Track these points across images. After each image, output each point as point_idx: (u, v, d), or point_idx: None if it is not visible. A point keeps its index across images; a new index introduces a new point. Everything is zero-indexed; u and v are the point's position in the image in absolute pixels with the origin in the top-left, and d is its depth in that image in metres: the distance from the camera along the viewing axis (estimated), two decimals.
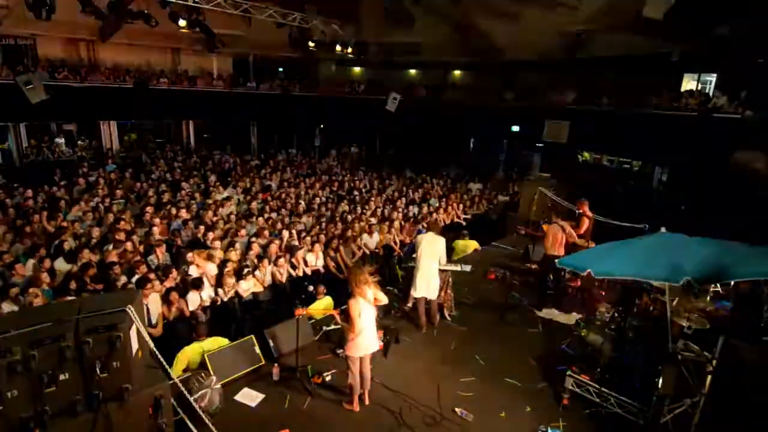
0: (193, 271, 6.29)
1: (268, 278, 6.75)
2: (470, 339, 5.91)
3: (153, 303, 5.40)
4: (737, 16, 8.81)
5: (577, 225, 7.35)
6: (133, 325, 2.60)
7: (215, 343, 4.96)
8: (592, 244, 7.22)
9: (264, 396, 4.62)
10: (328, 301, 6.19)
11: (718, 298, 5.21)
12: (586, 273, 3.99)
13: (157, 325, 5.40)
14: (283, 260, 6.96)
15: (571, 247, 7.06)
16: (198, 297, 5.82)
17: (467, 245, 8.96)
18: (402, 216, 9.88)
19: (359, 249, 8.29)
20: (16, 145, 13.59)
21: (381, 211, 10.12)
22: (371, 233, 8.65)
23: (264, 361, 5.07)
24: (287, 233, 8.13)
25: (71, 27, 12.83)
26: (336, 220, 9.46)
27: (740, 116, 9.65)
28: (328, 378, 4.93)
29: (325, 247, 7.86)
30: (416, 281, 5.85)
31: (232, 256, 6.82)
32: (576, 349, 5.37)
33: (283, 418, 4.34)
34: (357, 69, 20.95)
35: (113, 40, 13.70)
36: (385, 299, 4.53)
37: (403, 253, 8.79)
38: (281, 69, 19.72)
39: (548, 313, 6.66)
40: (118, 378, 2.49)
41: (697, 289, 5.58)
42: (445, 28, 14.17)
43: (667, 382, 3.78)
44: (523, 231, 10.01)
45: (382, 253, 8.67)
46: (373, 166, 16.55)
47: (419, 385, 4.91)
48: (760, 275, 3.70)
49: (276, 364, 4.93)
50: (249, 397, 4.61)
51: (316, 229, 8.64)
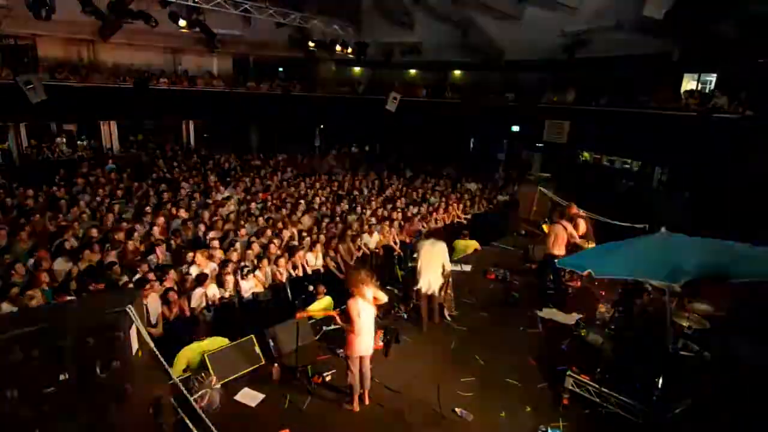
0: (194, 271, 6.29)
1: (269, 278, 6.75)
2: (470, 339, 5.91)
3: (153, 303, 5.40)
4: (737, 16, 8.80)
5: (574, 227, 7.38)
6: (133, 325, 2.60)
7: (215, 343, 4.96)
8: (592, 244, 7.22)
9: (264, 396, 4.62)
10: (328, 301, 6.19)
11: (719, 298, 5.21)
12: (585, 273, 4.00)
13: (157, 325, 5.40)
14: (283, 260, 6.96)
15: (571, 247, 7.06)
16: (203, 293, 5.83)
17: (467, 245, 8.96)
18: (402, 216, 9.87)
19: (359, 249, 8.29)
20: (16, 145, 13.59)
21: (381, 211, 10.12)
22: (371, 233, 8.65)
23: (264, 361, 5.07)
24: (287, 233, 8.13)
25: (71, 27, 12.83)
26: (336, 220, 9.46)
27: (740, 116, 9.65)
28: (328, 378, 4.93)
29: (325, 247, 7.86)
30: (419, 284, 5.86)
31: (232, 256, 6.82)
32: (576, 349, 5.37)
33: (283, 418, 4.34)
34: (357, 69, 20.94)
35: (113, 40, 13.77)
36: (385, 298, 4.53)
37: (403, 253, 8.78)
38: (281, 69, 19.71)
39: (548, 313, 6.66)
40: (118, 378, 2.49)
41: (697, 289, 5.59)
42: (445, 28, 14.18)
43: (666, 382, 3.78)
44: (524, 231, 10.01)
45: (382, 253, 8.67)
46: (373, 166, 16.54)
47: (419, 385, 4.91)
48: (760, 276, 3.70)
49: (276, 364, 4.93)
50: (249, 397, 4.61)
51: (316, 229, 8.64)
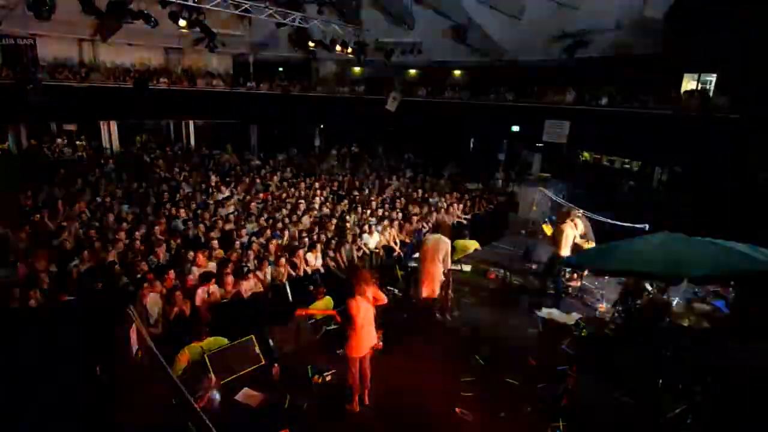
0: (194, 271, 6.29)
1: (269, 278, 6.75)
2: (470, 339, 5.91)
3: (153, 303, 5.39)
4: (737, 16, 8.81)
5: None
6: (133, 325, 2.60)
7: (215, 343, 4.95)
8: (592, 244, 7.22)
9: (264, 396, 4.62)
10: (328, 301, 6.18)
11: (718, 298, 5.22)
12: (586, 273, 4.00)
13: (157, 324, 5.39)
14: (283, 260, 6.96)
15: (572, 247, 7.07)
16: (206, 292, 5.83)
17: (467, 245, 8.96)
18: (402, 216, 9.88)
19: (359, 249, 8.29)
20: (16, 145, 13.60)
21: (381, 211, 10.12)
22: (371, 233, 8.65)
23: (264, 361, 5.07)
24: (287, 233, 8.13)
25: (71, 27, 12.84)
26: (336, 220, 9.46)
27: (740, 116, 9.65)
28: (328, 378, 4.92)
29: (325, 246, 7.86)
30: (420, 282, 5.84)
31: (232, 256, 6.82)
32: (576, 349, 5.37)
33: (283, 418, 4.33)
34: (357, 69, 20.94)
35: (113, 40, 13.79)
36: (385, 298, 4.53)
37: (403, 253, 8.79)
38: (281, 69, 19.72)
39: (548, 313, 6.66)
40: (119, 378, 2.50)
41: (697, 290, 5.60)
42: (445, 28, 14.19)
43: (666, 382, 3.78)
44: (524, 231, 10.03)
45: (382, 253, 8.67)
46: (373, 166, 16.55)
47: (419, 385, 4.90)
48: (759, 275, 3.70)
49: (276, 364, 4.93)
50: (249, 397, 4.61)
51: (316, 229, 8.64)
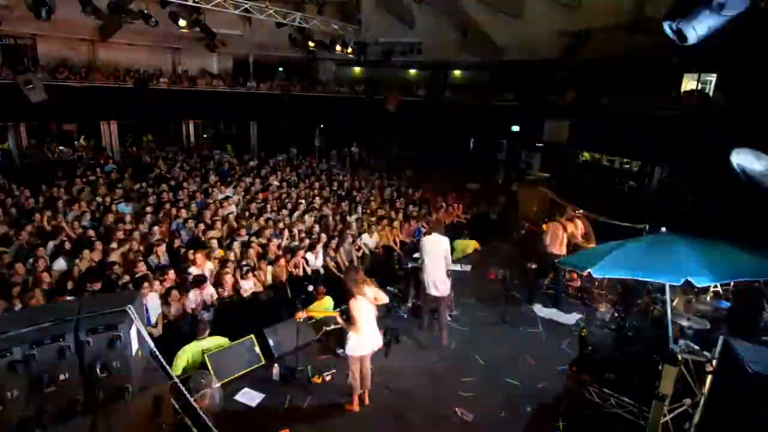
0: (193, 271, 6.29)
1: (269, 278, 6.75)
2: (470, 339, 5.92)
3: (153, 303, 5.40)
4: (737, 17, 8.80)
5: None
6: (133, 325, 2.60)
7: (215, 342, 4.96)
8: (592, 244, 7.22)
9: (264, 396, 4.62)
10: (328, 301, 6.18)
11: (718, 298, 5.21)
12: (585, 273, 3.99)
13: (157, 324, 5.40)
14: (283, 260, 6.96)
15: (572, 247, 7.06)
16: (199, 295, 5.82)
17: (467, 245, 8.96)
18: (402, 216, 9.88)
19: (359, 249, 8.29)
20: (16, 145, 13.59)
21: (381, 211, 10.12)
22: (371, 233, 8.65)
23: (264, 361, 5.07)
24: (287, 233, 8.13)
25: (71, 27, 12.83)
26: (336, 220, 9.46)
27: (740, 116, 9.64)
28: (328, 378, 4.93)
29: (324, 247, 7.86)
30: (425, 283, 5.81)
31: (231, 256, 6.82)
32: (576, 349, 5.36)
33: (283, 418, 4.34)
34: (357, 69, 20.94)
35: (113, 40, 13.79)
36: (385, 298, 4.53)
37: (403, 253, 8.78)
38: (281, 69, 19.72)
39: (548, 313, 6.66)
40: (118, 378, 2.49)
41: (697, 290, 5.59)
42: (445, 28, 14.19)
43: (667, 382, 3.78)
44: (524, 231, 10.02)
45: (382, 253, 8.67)
46: (373, 166, 16.55)
47: (419, 385, 4.91)
48: (760, 275, 3.70)
49: (276, 364, 4.93)
50: (249, 397, 4.61)
51: (316, 229, 8.64)
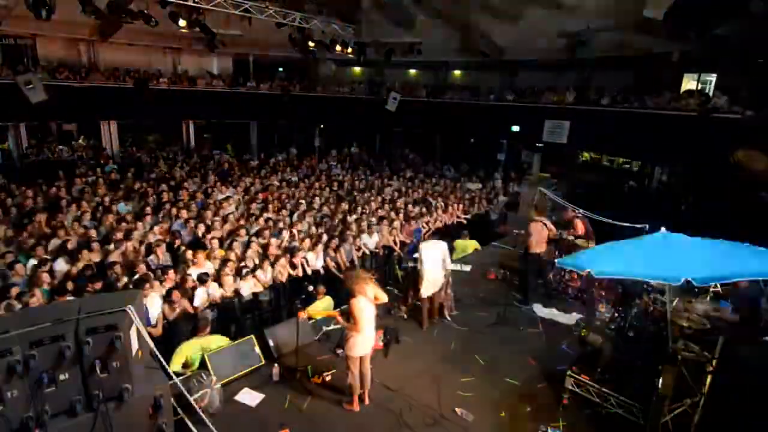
0: (193, 271, 6.29)
1: (269, 278, 6.75)
2: (470, 339, 5.91)
3: (153, 303, 5.40)
4: (737, 16, 8.80)
5: (573, 228, 7.42)
6: (133, 325, 2.60)
7: (215, 341, 4.97)
8: (592, 244, 7.22)
9: (264, 396, 4.62)
10: (328, 301, 6.19)
11: (718, 299, 5.21)
12: (585, 273, 3.99)
13: (157, 325, 5.40)
14: (284, 260, 6.96)
15: (571, 247, 7.07)
16: (206, 293, 5.83)
17: (467, 245, 8.96)
18: (402, 216, 9.88)
19: (359, 249, 8.29)
20: (16, 145, 13.59)
21: (381, 211, 10.12)
22: (371, 233, 8.65)
23: (264, 361, 5.07)
24: (287, 233, 8.13)
25: (71, 27, 12.84)
26: (336, 220, 9.46)
27: (740, 116, 9.65)
28: (328, 378, 4.93)
29: (325, 247, 7.86)
30: (422, 285, 5.85)
31: (231, 256, 6.82)
32: (576, 349, 5.37)
33: (283, 418, 4.34)
34: (357, 69, 20.94)
35: (113, 40, 13.74)
36: (385, 297, 4.54)
37: (403, 254, 8.79)
38: (281, 69, 19.72)
39: (548, 313, 6.66)
40: (118, 378, 2.49)
41: (697, 289, 5.59)
42: (445, 28, 14.18)
43: (667, 382, 3.78)
44: (516, 232, 10.13)
45: (382, 253, 8.67)
46: (373, 167, 16.55)
47: (419, 385, 4.91)
48: (760, 275, 3.70)
49: (276, 364, 4.93)
50: (249, 397, 4.61)
51: (316, 229, 8.63)
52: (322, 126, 19.63)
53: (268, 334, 5.30)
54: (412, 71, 19.96)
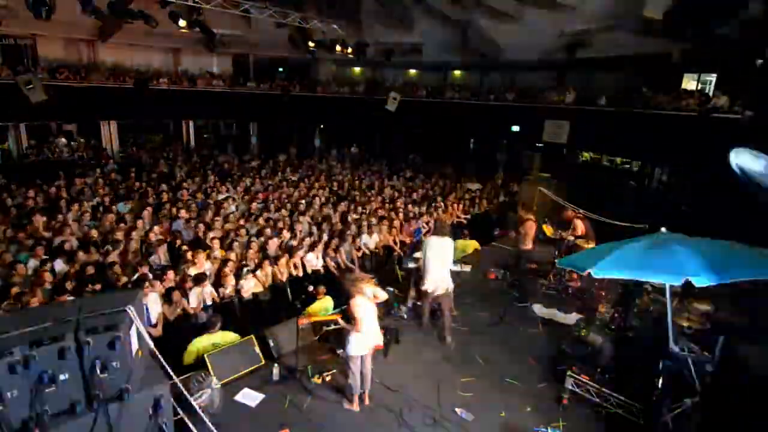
0: (193, 271, 6.29)
1: (269, 278, 6.74)
2: (470, 339, 5.91)
3: (153, 303, 5.40)
4: (737, 16, 8.80)
5: (573, 228, 7.45)
6: (133, 325, 2.60)
7: (225, 337, 5.03)
8: (592, 244, 7.22)
9: (264, 396, 4.62)
10: (328, 302, 6.18)
11: (718, 299, 5.21)
12: (585, 273, 3.99)
13: (157, 325, 5.40)
14: (284, 260, 6.96)
15: (571, 247, 7.08)
16: (200, 293, 5.83)
17: (467, 245, 8.96)
18: (402, 216, 9.88)
19: (359, 249, 8.29)
20: (16, 145, 13.59)
21: (381, 211, 10.12)
22: (371, 233, 8.65)
23: (264, 361, 5.07)
24: (287, 233, 8.13)
25: (71, 27, 12.83)
26: (336, 220, 9.46)
27: (740, 116, 9.64)
28: (328, 378, 4.93)
29: (325, 247, 7.86)
30: (425, 282, 5.80)
31: (231, 256, 6.82)
32: (576, 349, 5.37)
33: (283, 418, 4.34)
34: (357, 69, 20.94)
35: (113, 40, 13.78)
36: (385, 296, 4.54)
37: (403, 254, 8.78)
38: (281, 69, 19.72)
39: (548, 313, 6.66)
40: (118, 378, 2.49)
41: (697, 289, 5.59)
42: (445, 28, 14.17)
43: (667, 382, 3.78)
44: (497, 232, 10.31)
45: (382, 253, 8.67)
46: (373, 167, 16.55)
47: (419, 385, 4.91)
48: (760, 275, 3.70)
49: (276, 364, 4.93)
50: (249, 397, 4.61)
51: (316, 229, 8.63)
52: (322, 126, 19.63)
53: (268, 334, 5.30)
54: (412, 71, 19.96)
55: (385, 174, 14.99)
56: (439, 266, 5.77)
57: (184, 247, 7.15)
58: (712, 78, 12.51)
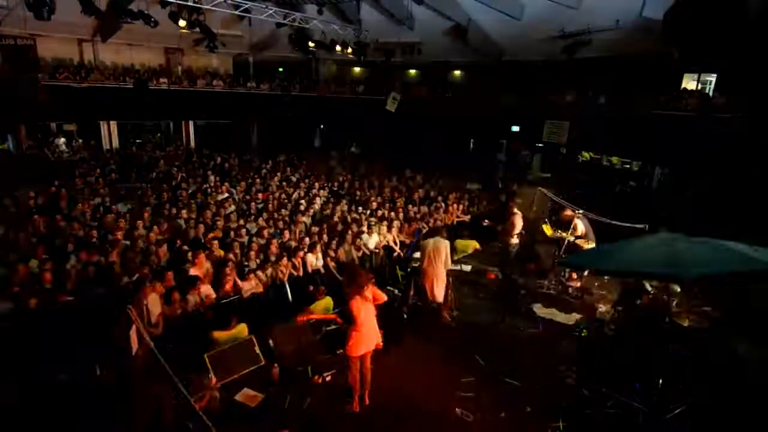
0: (193, 271, 6.28)
1: (269, 278, 6.74)
2: (470, 339, 5.91)
3: (153, 303, 5.38)
4: (737, 16, 8.81)
5: (573, 228, 7.45)
6: (133, 325, 2.60)
7: (243, 331, 5.22)
8: (592, 244, 7.22)
9: (264, 396, 4.62)
10: (328, 302, 6.17)
11: (718, 298, 5.22)
12: (586, 273, 4.00)
13: (157, 325, 5.39)
14: (284, 260, 6.95)
15: (571, 247, 7.07)
16: (197, 296, 5.81)
17: (467, 245, 8.95)
18: (402, 216, 9.87)
19: (359, 249, 8.28)
20: (15, 145, 13.60)
21: (381, 211, 10.12)
22: (371, 233, 8.64)
23: (264, 361, 5.07)
24: (287, 233, 8.12)
25: (71, 27, 12.84)
26: (336, 220, 9.45)
27: (740, 116, 9.64)
28: (328, 378, 4.93)
29: (325, 247, 7.85)
30: (423, 285, 5.84)
31: (231, 256, 6.81)
32: (576, 349, 5.37)
33: (283, 418, 4.33)
34: (357, 69, 20.95)
35: (113, 40, 13.80)
36: (384, 297, 4.54)
37: (403, 254, 8.78)
38: (281, 69, 19.72)
39: (548, 313, 6.66)
40: (119, 377, 2.50)
41: (696, 289, 5.59)
42: (445, 28, 14.19)
43: (666, 381, 3.78)
44: (524, 230, 10.12)
45: (382, 253, 8.66)
46: (373, 166, 16.54)
47: (419, 385, 4.90)
48: (760, 274, 3.70)
49: (276, 364, 4.93)
50: (249, 397, 4.61)
51: (316, 229, 8.63)
52: (322, 126, 19.63)
53: (268, 334, 5.29)
54: (412, 71, 19.96)
55: (385, 174, 14.97)
56: (436, 268, 5.78)
57: (185, 247, 7.15)
58: (712, 78, 12.52)
